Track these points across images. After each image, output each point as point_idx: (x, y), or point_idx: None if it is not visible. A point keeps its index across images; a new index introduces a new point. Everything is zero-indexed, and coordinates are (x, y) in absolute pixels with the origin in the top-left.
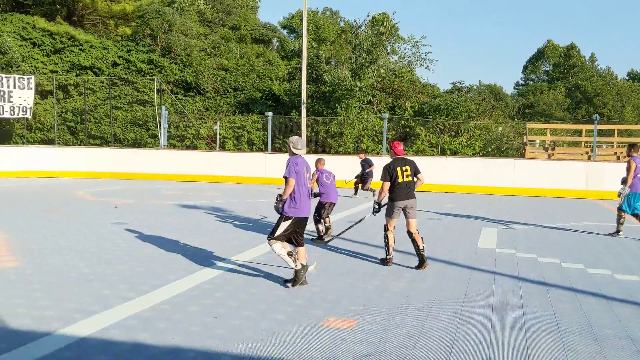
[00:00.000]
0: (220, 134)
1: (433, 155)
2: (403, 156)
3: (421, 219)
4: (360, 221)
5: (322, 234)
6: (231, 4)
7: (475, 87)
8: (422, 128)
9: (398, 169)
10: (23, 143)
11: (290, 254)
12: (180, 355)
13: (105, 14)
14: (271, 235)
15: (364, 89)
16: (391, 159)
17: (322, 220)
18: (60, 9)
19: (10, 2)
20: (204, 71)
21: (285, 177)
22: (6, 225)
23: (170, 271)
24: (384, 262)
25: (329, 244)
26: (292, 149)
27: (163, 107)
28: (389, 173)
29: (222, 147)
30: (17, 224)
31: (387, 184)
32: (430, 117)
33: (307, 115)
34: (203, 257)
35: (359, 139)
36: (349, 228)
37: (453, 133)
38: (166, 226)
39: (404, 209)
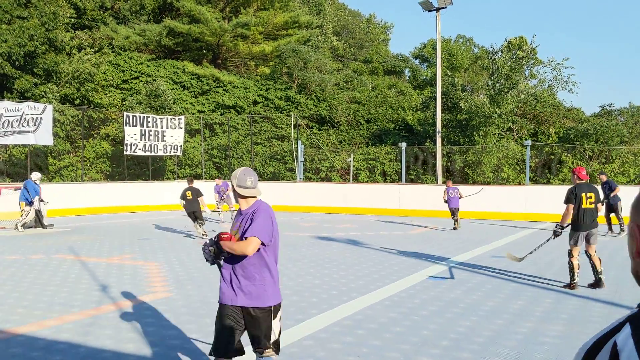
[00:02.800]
0: (353, 166)
1: None
2: (587, 182)
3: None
4: (543, 244)
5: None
6: (363, 38)
7: (626, 109)
8: (568, 155)
9: (583, 194)
10: (175, 179)
11: None
12: None
13: (246, 55)
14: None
15: (503, 115)
16: (574, 185)
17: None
18: (206, 54)
19: (164, 50)
20: (337, 105)
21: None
22: (162, 256)
23: (312, 305)
24: (570, 286)
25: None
26: (238, 189)
27: (299, 142)
28: (573, 197)
29: (356, 179)
30: (169, 256)
31: (571, 207)
32: (577, 143)
33: (443, 145)
34: (342, 292)
35: (499, 168)
36: (532, 251)
37: (603, 159)
38: (304, 258)
39: (586, 236)
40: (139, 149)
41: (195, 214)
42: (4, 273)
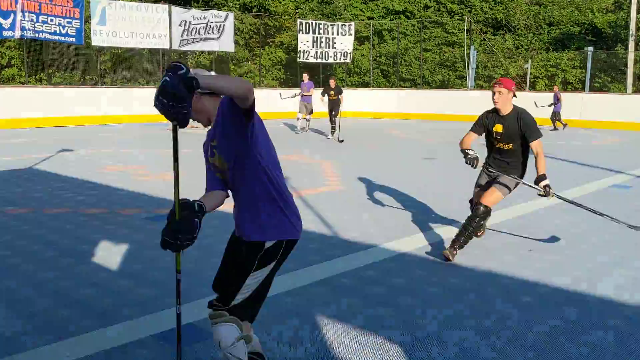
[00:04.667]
0: (531, 73)
1: None
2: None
3: None
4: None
5: None
6: None
7: None
8: None
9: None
10: (343, 86)
11: None
12: (496, 280)
13: None
14: None
15: None
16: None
17: None
18: None
19: None
20: (515, 7)
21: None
22: (334, 155)
23: None
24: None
25: None
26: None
27: (472, 47)
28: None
29: (533, 87)
30: (341, 156)
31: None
32: None
33: (636, 49)
34: (519, 194)
35: None
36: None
37: None
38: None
39: None
40: (311, 56)
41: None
42: (200, 163)
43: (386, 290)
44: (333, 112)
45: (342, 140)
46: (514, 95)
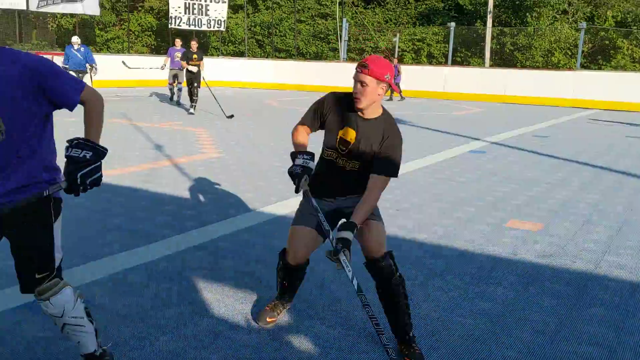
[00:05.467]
0: (399, 47)
1: (635, 71)
2: None
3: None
4: None
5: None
6: None
7: None
8: (624, 41)
9: None
10: (218, 55)
11: None
12: None
13: None
14: None
15: None
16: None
17: None
18: None
19: None
20: None
21: None
22: (209, 124)
23: None
24: None
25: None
26: None
27: (344, 20)
28: None
29: (401, 61)
30: (216, 124)
31: None
32: (635, 27)
33: (493, 26)
34: None
35: (549, 52)
36: None
37: None
38: None
39: None
40: (183, 23)
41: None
42: (64, 132)
43: (264, 251)
44: (195, 83)
45: (231, 116)
46: (390, 94)
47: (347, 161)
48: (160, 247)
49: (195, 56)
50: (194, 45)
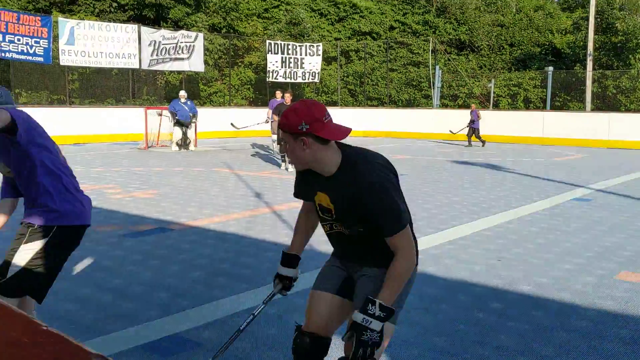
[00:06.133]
0: (494, 92)
1: None
2: None
3: None
4: None
5: None
6: None
7: None
8: None
9: None
10: None
11: None
12: (468, 289)
13: None
14: None
15: None
16: None
17: None
18: None
19: None
20: (478, 28)
21: None
22: None
23: (452, 217)
24: None
25: None
26: None
27: (437, 67)
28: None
29: (496, 106)
30: None
31: None
32: None
33: (594, 69)
34: (483, 208)
35: None
36: None
37: None
38: (441, 180)
39: None
40: (280, 76)
41: None
42: (170, 181)
43: None
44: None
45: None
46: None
47: (343, 226)
48: (264, 292)
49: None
50: (287, 98)
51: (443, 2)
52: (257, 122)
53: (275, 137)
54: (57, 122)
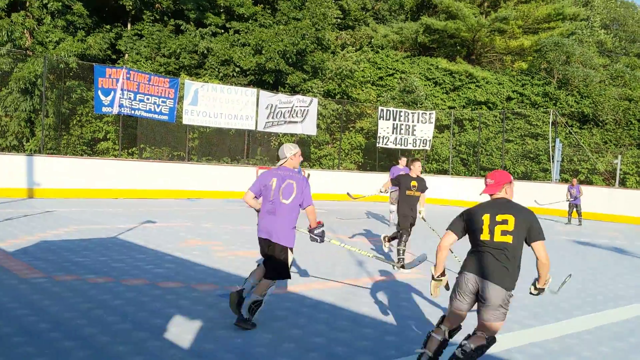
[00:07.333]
0: (620, 169)
1: None
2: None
3: None
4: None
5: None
6: (637, 31)
7: None
8: None
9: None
10: (421, 173)
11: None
12: None
13: (502, 50)
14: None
15: None
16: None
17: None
18: (460, 50)
19: (419, 47)
20: (603, 102)
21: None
22: (415, 245)
23: (574, 307)
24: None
25: None
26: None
27: (557, 140)
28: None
29: (623, 184)
30: (424, 242)
31: None
32: None
33: None
34: (609, 298)
35: None
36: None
37: None
38: (563, 263)
39: None
40: (390, 142)
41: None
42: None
43: None
44: (409, 223)
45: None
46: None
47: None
48: None
49: (414, 183)
50: (417, 167)
51: (565, 75)
52: (371, 193)
53: (393, 207)
54: (175, 176)
